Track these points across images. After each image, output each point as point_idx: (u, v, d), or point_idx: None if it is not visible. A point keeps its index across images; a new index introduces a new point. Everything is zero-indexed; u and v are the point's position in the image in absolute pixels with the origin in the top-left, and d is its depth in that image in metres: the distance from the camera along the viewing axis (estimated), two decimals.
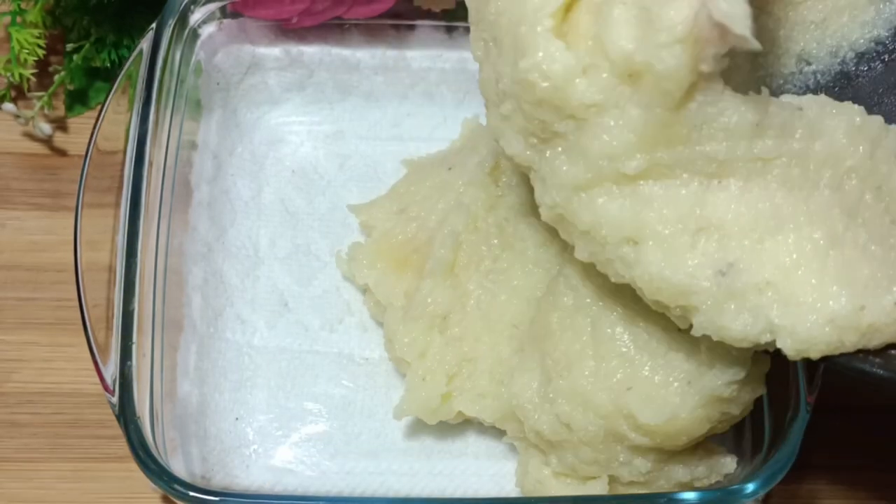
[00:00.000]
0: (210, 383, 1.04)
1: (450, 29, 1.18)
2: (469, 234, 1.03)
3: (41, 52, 1.17)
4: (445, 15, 1.17)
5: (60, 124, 1.21)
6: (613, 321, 0.91)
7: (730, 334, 0.79)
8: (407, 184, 1.12)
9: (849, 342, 0.78)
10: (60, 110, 1.21)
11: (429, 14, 1.17)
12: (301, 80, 1.19)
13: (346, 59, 1.18)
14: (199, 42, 1.13)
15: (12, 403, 1.06)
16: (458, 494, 1.02)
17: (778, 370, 0.95)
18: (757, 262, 0.79)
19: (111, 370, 0.93)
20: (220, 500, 0.89)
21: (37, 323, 1.10)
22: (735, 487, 0.90)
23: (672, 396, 0.87)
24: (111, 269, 0.98)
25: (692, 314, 0.81)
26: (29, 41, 1.16)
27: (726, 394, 0.87)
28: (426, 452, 1.03)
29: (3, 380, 1.07)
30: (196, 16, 1.12)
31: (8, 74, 1.17)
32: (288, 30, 1.17)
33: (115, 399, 0.92)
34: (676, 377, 0.88)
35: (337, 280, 1.10)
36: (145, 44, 1.07)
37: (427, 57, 1.19)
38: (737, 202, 0.80)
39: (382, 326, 1.06)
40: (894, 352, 0.79)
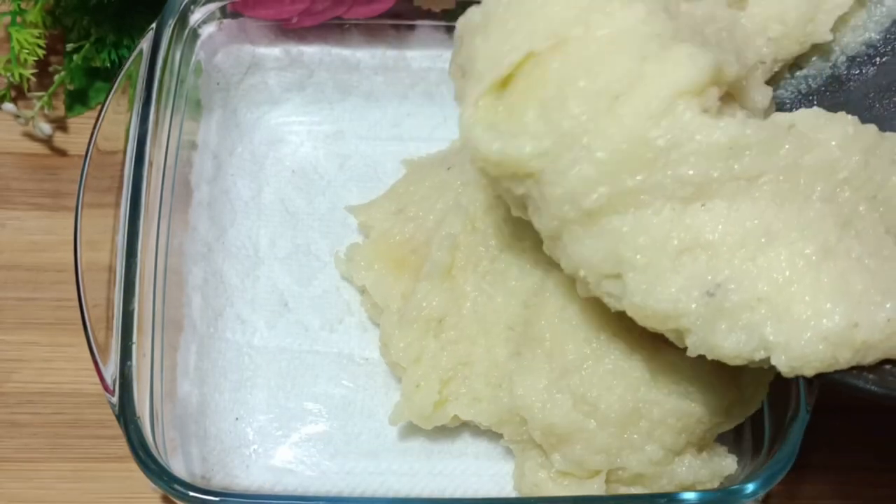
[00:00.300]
0: (210, 383, 1.04)
1: (450, 29, 1.17)
2: (467, 236, 1.02)
3: (41, 52, 1.17)
4: (445, 15, 1.17)
5: (60, 124, 1.21)
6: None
7: (723, 353, 0.79)
8: (405, 184, 1.12)
9: (843, 359, 0.78)
10: (60, 110, 1.21)
11: (429, 14, 1.17)
12: (301, 80, 1.19)
13: (346, 59, 1.18)
14: (199, 42, 1.13)
15: (12, 403, 1.06)
16: (458, 494, 1.02)
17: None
18: (748, 280, 0.78)
19: (111, 370, 0.93)
20: (220, 500, 0.90)
21: (37, 323, 1.10)
22: (735, 487, 0.90)
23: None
24: (111, 269, 0.98)
25: (685, 335, 0.81)
26: (29, 41, 1.16)
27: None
28: (426, 452, 1.03)
29: (3, 380, 1.07)
30: (196, 16, 1.12)
31: (8, 74, 1.17)
32: (288, 30, 1.17)
33: (115, 399, 0.92)
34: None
35: (337, 280, 1.10)
36: (145, 44, 1.07)
37: (427, 57, 1.19)
38: (724, 222, 0.79)
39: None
40: (888, 367, 0.79)
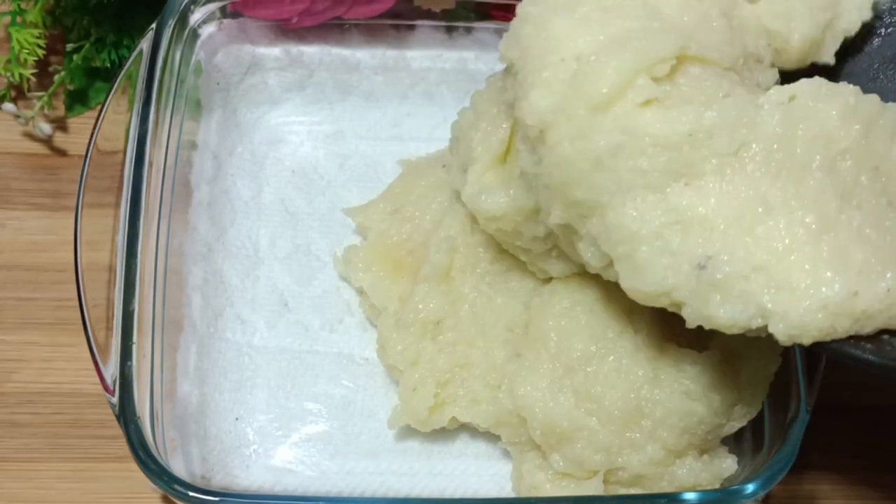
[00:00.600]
0: (210, 383, 1.04)
1: (450, 29, 1.18)
2: (466, 237, 1.02)
3: (41, 52, 1.17)
4: (445, 15, 1.17)
5: (60, 124, 1.21)
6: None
7: (718, 322, 0.79)
8: (401, 183, 1.12)
9: (841, 328, 0.77)
10: (60, 110, 1.21)
11: (429, 14, 1.17)
12: (301, 80, 1.19)
13: (346, 59, 1.18)
14: (199, 42, 1.13)
15: (12, 403, 1.06)
16: (458, 494, 1.02)
17: (778, 371, 0.95)
18: (744, 250, 0.78)
19: (111, 370, 0.93)
20: (220, 500, 0.89)
21: (37, 323, 1.10)
22: (735, 488, 0.90)
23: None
24: (111, 269, 0.98)
25: (681, 308, 0.81)
26: (29, 41, 1.16)
27: None
28: (426, 452, 1.03)
29: (3, 380, 1.07)
30: (196, 16, 1.12)
31: (8, 74, 1.17)
32: (288, 30, 1.17)
33: (115, 399, 0.92)
34: None
35: (337, 280, 1.10)
36: (145, 44, 1.07)
37: (427, 57, 1.19)
38: (716, 196, 0.80)
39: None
40: (886, 337, 0.79)
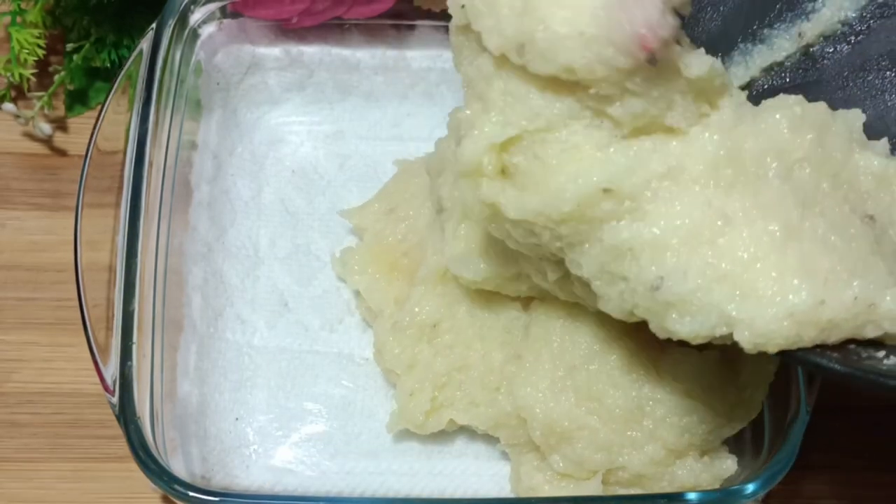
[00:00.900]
0: (210, 383, 1.04)
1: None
2: None
3: (41, 52, 1.17)
4: (445, 15, 1.15)
5: (60, 124, 1.21)
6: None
7: (681, 335, 0.79)
8: (395, 183, 1.11)
9: (807, 337, 0.76)
10: (60, 110, 1.21)
11: (429, 14, 1.17)
12: (301, 80, 1.19)
13: (346, 59, 1.18)
14: (199, 42, 1.13)
15: (12, 403, 1.06)
16: (458, 494, 1.01)
17: (778, 371, 0.95)
18: (702, 264, 0.78)
19: (111, 370, 0.93)
20: (220, 501, 0.90)
21: (37, 323, 1.10)
22: (735, 488, 0.90)
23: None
24: (111, 269, 0.98)
25: (648, 322, 0.81)
26: (29, 41, 1.16)
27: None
28: (426, 452, 1.03)
29: (3, 380, 1.07)
30: (196, 16, 1.12)
31: (8, 74, 1.17)
32: (288, 30, 1.17)
33: (115, 399, 0.92)
34: None
35: (337, 280, 1.10)
36: (145, 44, 1.07)
37: (427, 57, 1.19)
38: (665, 219, 0.79)
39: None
40: (853, 346, 0.78)
